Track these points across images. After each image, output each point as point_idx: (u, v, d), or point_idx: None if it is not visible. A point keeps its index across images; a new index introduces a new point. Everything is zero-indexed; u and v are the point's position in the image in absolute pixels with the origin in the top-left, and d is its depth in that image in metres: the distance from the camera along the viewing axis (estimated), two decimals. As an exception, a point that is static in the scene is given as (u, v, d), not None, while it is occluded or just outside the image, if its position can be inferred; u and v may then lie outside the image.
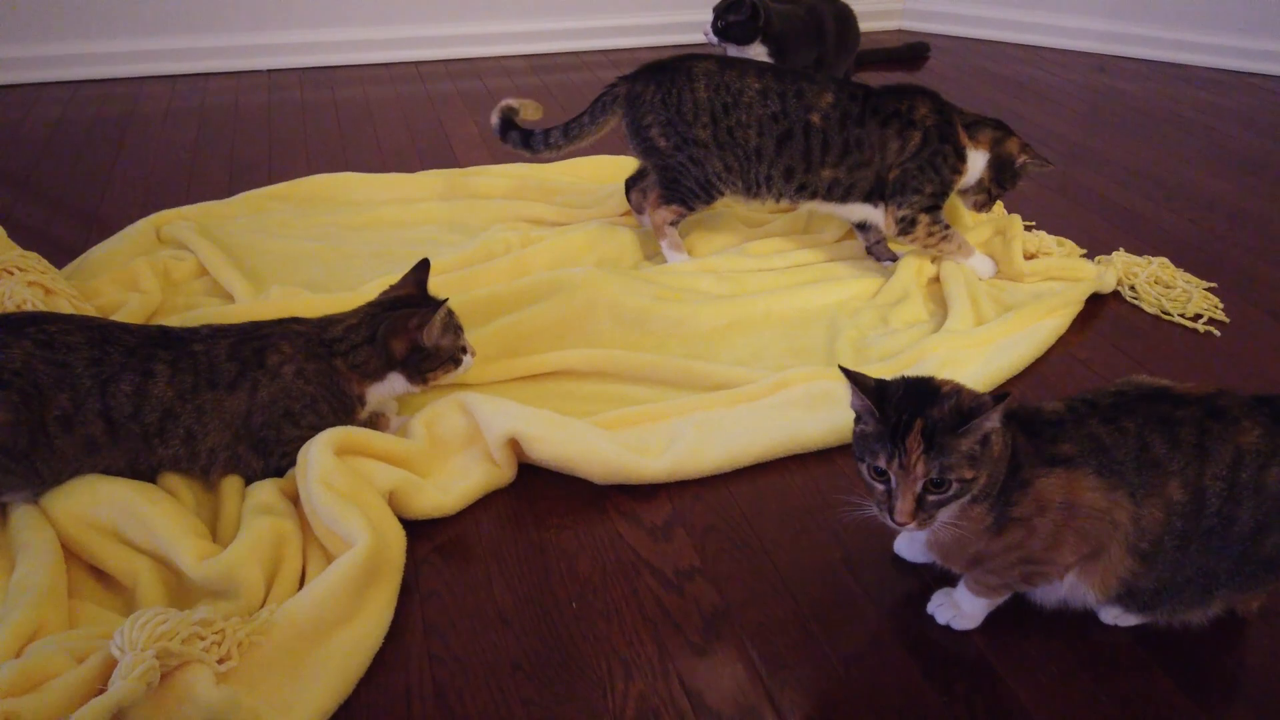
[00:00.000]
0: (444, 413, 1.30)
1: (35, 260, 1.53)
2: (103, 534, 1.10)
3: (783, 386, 1.41)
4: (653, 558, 1.18)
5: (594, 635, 1.07)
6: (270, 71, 2.90)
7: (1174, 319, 1.69)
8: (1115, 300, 1.76)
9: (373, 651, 1.02)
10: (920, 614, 1.10)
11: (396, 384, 1.29)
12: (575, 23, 3.17)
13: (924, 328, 1.60)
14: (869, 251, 1.83)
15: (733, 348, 1.57)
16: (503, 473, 1.26)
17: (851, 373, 0.96)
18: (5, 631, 0.93)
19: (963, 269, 1.72)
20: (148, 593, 1.05)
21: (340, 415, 1.24)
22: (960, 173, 1.70)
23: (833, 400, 1.38)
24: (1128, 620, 1.08)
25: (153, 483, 1.17)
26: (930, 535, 1.02)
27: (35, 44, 2.71)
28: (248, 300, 1.58)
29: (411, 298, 1.33)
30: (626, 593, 1.13)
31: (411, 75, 2.92)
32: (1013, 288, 1.73)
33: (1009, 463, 0.97)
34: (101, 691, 0.86)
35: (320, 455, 1.14)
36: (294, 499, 1.18)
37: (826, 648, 1.06)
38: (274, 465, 1.21)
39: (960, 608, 1.08)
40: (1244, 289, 1.80)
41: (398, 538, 1.13)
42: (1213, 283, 1.80)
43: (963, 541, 1.00)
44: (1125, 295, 1.76)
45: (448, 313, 1.30)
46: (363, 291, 1.54)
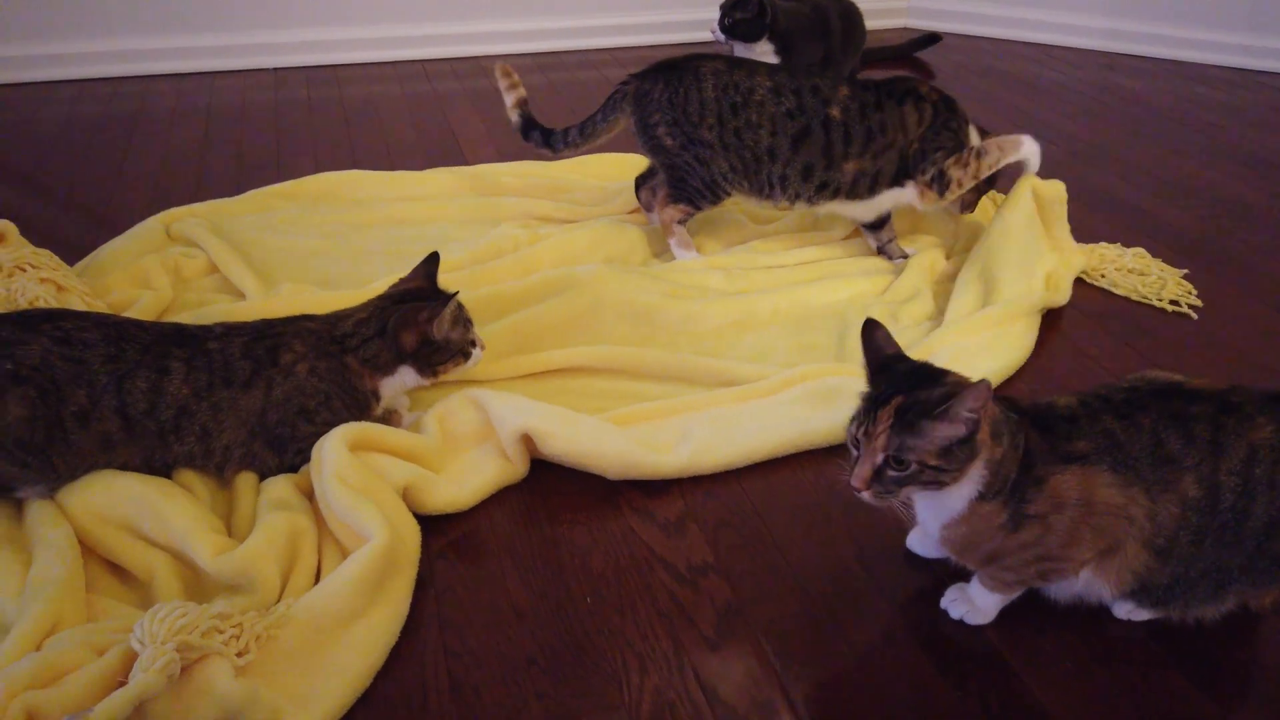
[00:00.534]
0: (456, 409, 1.31)
1: (47, 257, 1.54)
2: (119, 529, 1.11)
3: (793, 383, 1.42)
4: (666, 553, 1.18)
5: (609, 630, 1.07)
6: (276, 70, 2.90)
7: (1151, 302, 1.73)
8: (1119, 297, 1.76)
9: (389, 646, 1.02)
10: (933, 609, 1.10)
11: (407, 377, 1.29)
12: (580, 21, 3.17)
13: (934, 325, 1.60)
14: (880, 251, 1.83)
15: (742, 345, 1.58)
16: (515, 468, 1.27)
17: (871, 334, 0.99)
18: (25, 625, 0.94)
19: (976, 262, 1.71)
20: (164, 587, 1.06)
21: (354, 412, 1.25)
22: (968, 138, 1.72)
23: (843, 396, 1.38)
24: (1141, 615, 1.08)
25: (168, 479, 1.17)
26: (943, 532, 1.02)
27: (44, 42, 2.71)
28: (259, 297, 1.58)
29: (421, 290, 1.33)
30: (640, 587, 1.13)
31: (417, 74, 2.93)
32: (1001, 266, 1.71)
33: (1021, 460, 0.97)
34: (122, 684, 0.86)
35: (335, 451, 1.14)
36: (309, 494, 1.19)
37: (839, 642, 1.06)
38: (289, 461, 1.22)
39: (974, 603, 1.08)
40: (1253, 284, 1.80)
41: (413, 533, 1.14)
42: (1186, 269, 1.83)
43: (977, 538, 1.00)
44: (1098, 283, 1.78)
45: (458, 306, 1.30)
46: (372, 289, 1.54)
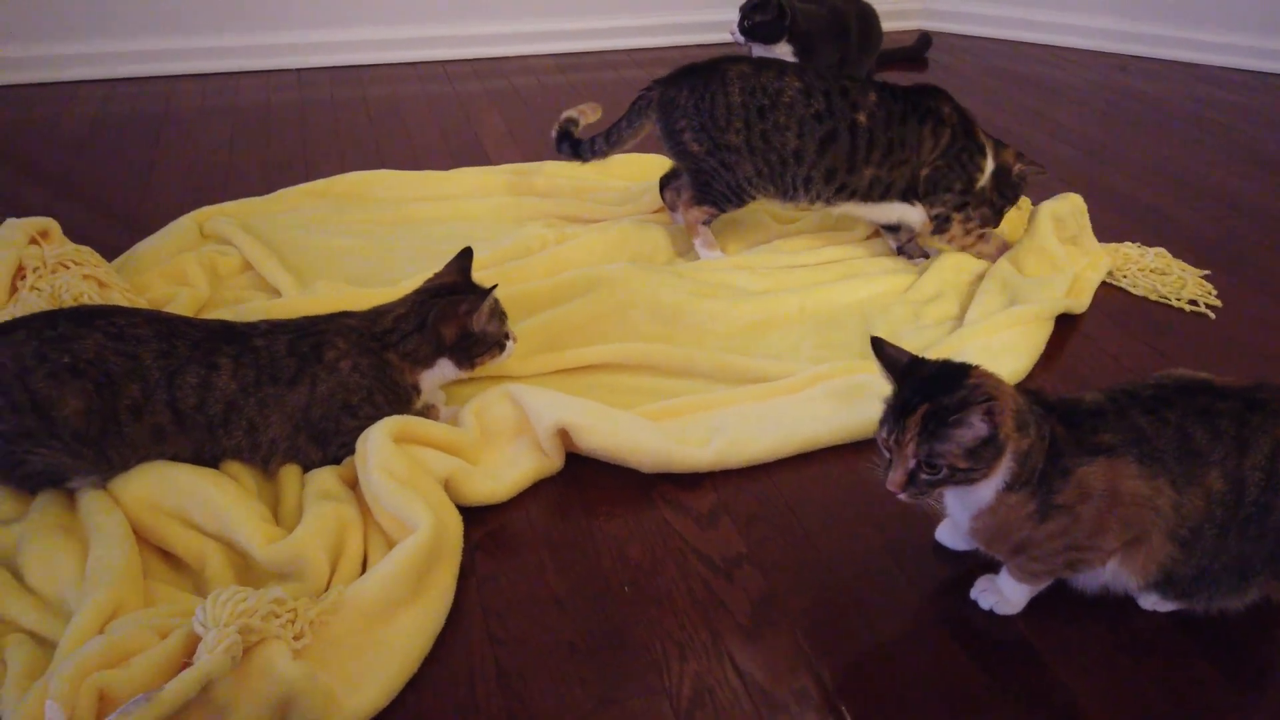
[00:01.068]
0: (492, 403, 1.34)
1: (89, 254, 1.57)
2: (171, 518, 1.14)
3: (820, 380, 1.45)
4: (700, 544, 1.21)
5: (647, 619, 1.10)
6: (299, 70, 2.93)
7: (1170, 302, 1.75)
8: (1139, 297, 1.79)
9: (435, 632, 1.05)
10: (962, 600, 1.13)
11: (446, 370, 1.32)
12: (600, 22, 3.20)
13: (955, 324, 1.62)
14: (900, 251, 1.86)
15: (768, 342, 1.60)
16: (551, 462, 1.30)
17: (881, 349, 1.03)
18: (88, 610, 0.97)
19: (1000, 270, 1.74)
20: (217, 574, 1.09)
21: (395, 406, 1.28)
22: (981, 170, 1.74)
23: (870, 393, 1.41)
24: (1166, 606, 1.11)
25: (216, 470, 1.20)
26: (973, 523, 1.05)
27: (70, 42, 2.75)
28: (295, 294, 1.61)
29: (456, 285, 1.36)
30: (676, 578, 1.16)
31: (439, 74, 2.96)
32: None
33: (1048, 452, 1.00)
34: (186, 666, 0.89)
35: (379, 443, 1.17)
36: (352, 485, 1.22)
37: (871, 632, 1.09)
38: (332, 455, 1.25)
39: (1003, 593, 1.11)
40: (1269, 284, 1.83)
41: (455, 523, 1.17)
42: (1208, 270, 1.85)
43: (1005, 529, 1.03)
44: (1119, 283, 1.81)
45: (495, 299, 1.33)
46: (403, 287, 1.57)
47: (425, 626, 1.04)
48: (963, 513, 1.06)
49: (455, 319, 1.29)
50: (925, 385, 0.99)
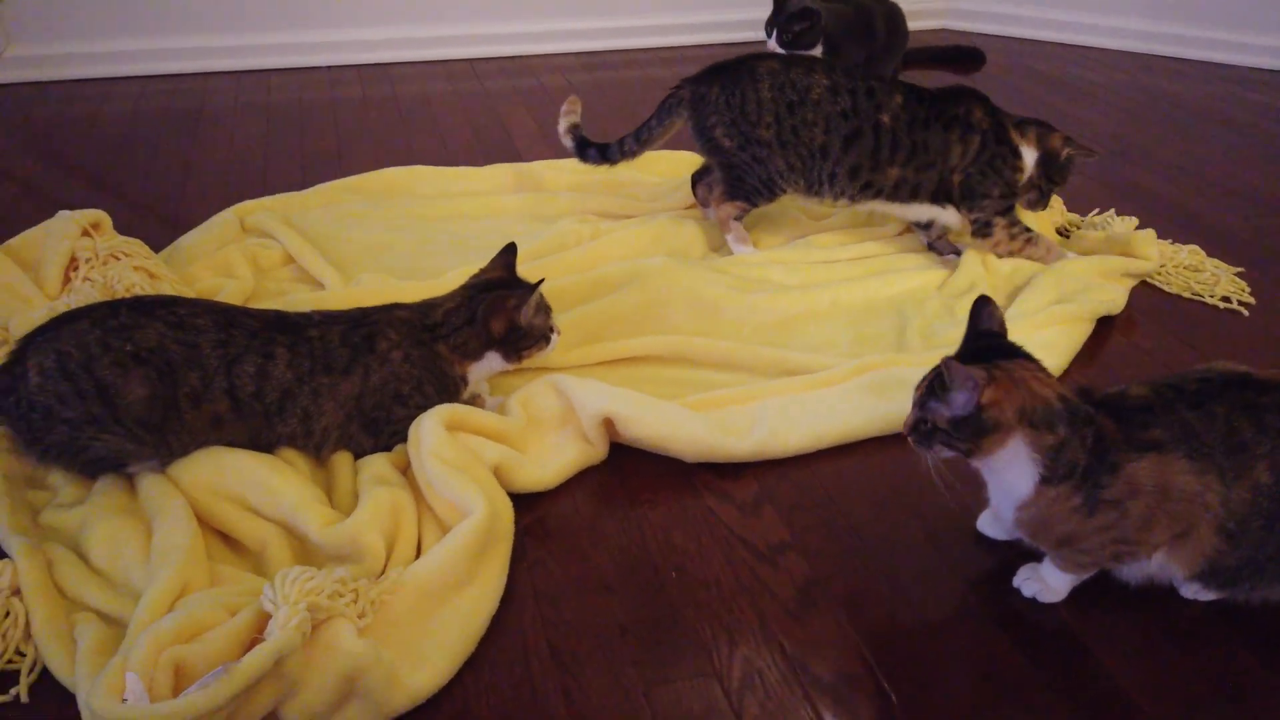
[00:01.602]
0: (538, 393, 1.36)
1: (138, 246, 1.61)
2: (229, 502, 1.17)
3: (859, 372, 1.47)
4: (744, 532, 1.23)
5: (695, 603, 1.12)
6: (330, 68, 2.97)
7: (1204, 299, 1.76)
8: (1172, 293, 1.80)
9: (491, 613, 1.08)
10: (1005, 588, 1.15)
11: (494, 362, 1.35)
12: (625, 21, 3.22)
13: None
14: (930, 247, 1.88)
15: (804, 336, 1.63)
16: (596, 451, 1.32)
17: (981, 308, 1.11)
18: (157, 588, 1.00)
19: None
20: (276, 556, 1.12)
21: (444, 396, 1.30)
22: (1020, 170, 1.75)
23: (908, 386, 1.42)
24: (1207, 595, 1.12)
25: (272, 456, 1.23)
26: (1017, 514, 1.07)
27: (106, 39, 2.79)
28: (339, 288, 1.64)
29: (502, 280, 1.39)
30: (721, 564, 1.18)
31: (467, 72, 2.99)
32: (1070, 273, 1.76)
33: (1094, 448, 1.01)
34: (255, 642, 0.92)
35: (432, 430, 1.20)
36: (404, 471, 1.25)
37: (915, 617, 1.11)
38: (383, 443, 1.28)
39: (1046, 582, 1.13)
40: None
41: (507, 508, 1.19)
42: (1240, 268, 1.86)
43: (1049, 521, 1.05)
44: (1153, 280, 1.82)
45: (541, 294, 1.36)
46: (445, 280, 1.61)
47: (481, 607, 1.07)
48: (1005, 503, 1.08)
49: (504, 313, 1.32)
50: (971, 351, 1.05)
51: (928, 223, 1.82)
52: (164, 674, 0.87)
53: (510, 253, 1.44)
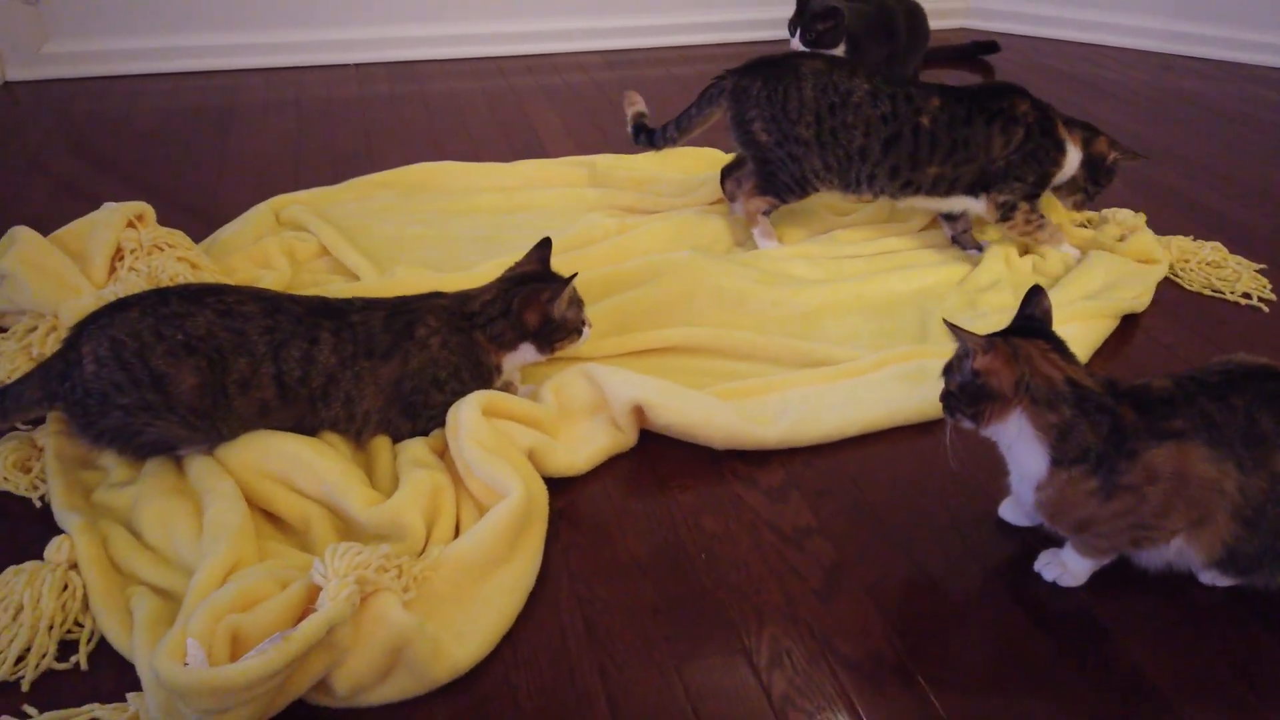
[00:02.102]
0: (570, 382, 1.40)
1: (181, 237, 1.66)
2: (275, 483, 1.21)
3: (883, 364, 1.50)
4: (771, 517, 1.27)
5: (725, 584, 1.16)
6: (358, 65, 3.02)
7: (1224, 295, 1.79)
8: (1193, 290, 1.82)
9: (528, 590, 1.12)
10: (1026, 573, 1.18)
11: (527, 353, 1.38)
12: (648, 20, 3.26)
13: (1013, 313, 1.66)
14: (954, 240, 1.90)
15: (827, 328, 1.66)
16: (626, 437, 1.36)
17: (1034, 295, 1.17)
18: (211, 562, 1.04)
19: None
20: (321, 535, 1.16)
21: (479, 383, 1.34)
22: (1059, 165, 1.78)
23: (930, 377, 1.46)
24: (1225, 581, 1.15)
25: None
26: (1035, 495, 1.10)
27: (138, 36, 2.85)
28: (373, 279, 1.69)
29: (537, 274, 1.42)
30: (750, 547, 1.22)
31: (493, 70, 3.03)
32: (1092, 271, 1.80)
33: (1111, 435, 1.04)
34: (306, 612, 0.96)
35: (470, 415, 1.24)
36: (441, 454, 1.29)
37: (940, 601, 1.15)
38: (420, 427, 1.32)
39: (1067, 567, 1.16)
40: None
41: (541, 491, 1.23)
42: (1262, 264, 1.89)
43: (1066, 504, 1.08)
44: (1175, 278, 1.85)
45: (573, 288, 1.40)
46: (475, 273, 1.65)
47: (519, 584, 1.11)
48: (1023, 485, 1.11)
49: (537, 306, 1.35)
50: (1009, 331, 1.11)
51: (960, 213, 1.85)
52: (222, 641, 0.92)
53: (545, 247, 1.47)
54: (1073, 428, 1.04)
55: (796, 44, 2.55)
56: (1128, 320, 1.70)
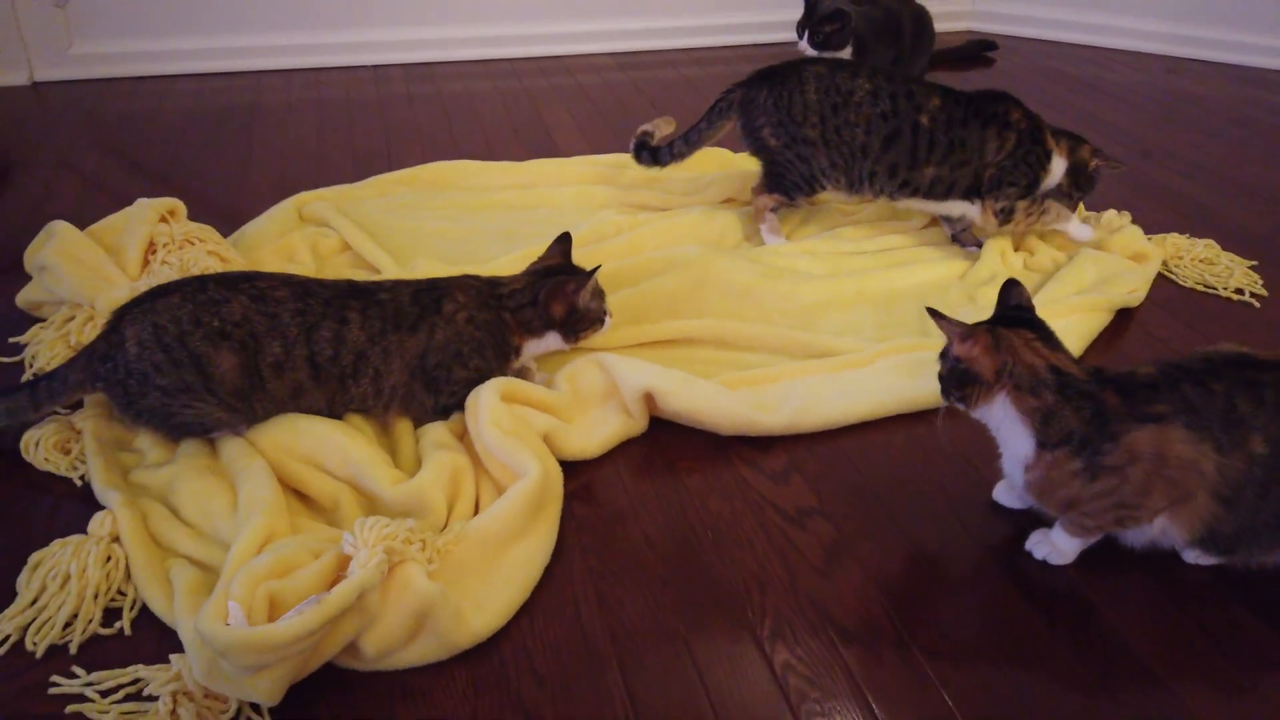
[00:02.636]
0: (583, 369, 1.47)
1: (210, 232, 1.73)
2: (304, 463, 1.28)
3: (883, 355, 1.56)
4: (775, 498, 1.33)
5: (730, 559, 1.22)
6: (376, 67, 3.09)
7: (1217, 291, 1.85)
8: (1188, 286, 1.88)
9: (544, 564, 1.18)
10: (1018, 552, 1.24)
11: (553, 341, 1.45)
12: (660, 22, 3.33)
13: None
14: (954, 239, 1.96)
15: (831, 321, 1.72)
16: (637, 423, 1.42)
17: (1010, 289, 1.23)
18: (248, 534, 1.11)
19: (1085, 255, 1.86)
20: (348, 511, 1.23)
21: (500, 360, 1.41)
22: (1046, 171, 1.83)
23: (929, 368, 1.51)
24: (1208, 560, 1.20)
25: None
26: (1024, 476, 1.16)
27: (163, 38, 2.93)
28: (394, 272, 1.75)
29: (561, 266, 1.49)
30: (755, 526, 1.28)
31: (506, 71, 3.10)
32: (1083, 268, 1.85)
33: (1096, 419, 1.10)
34: (338, 580, 1.03)
35: (489, 400, 1.31)
36: (460, 438, 1.35)
37: (934, 576, 1.21)
38: (442, 403, 1.38)
39: (1056, 545, 1.21)
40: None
41: (557, 472, 1.30)
42: (1254, 261, 1.95)
43: (1052, 484, 1.14)
44: (1169, 274, 1.91)
45: (596, 280, 1.46)
46: (494, 266, 1.72)
47: (536, 558, 1.17)
48: (1013, 466, 1.18)
49: (563, 296, 1.42)
50: (990, 320, 1.19)
51: (959, 217, 1.91)
52: (260, 604, 0.98)
53: (565, 241, 1.54)
54: (1055, 412, 1.11)
55: (804, 46, 2.61)
56: (1122, 314, 1.75)
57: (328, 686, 1.03)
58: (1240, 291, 1.84)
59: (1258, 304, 1.81)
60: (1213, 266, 1.91)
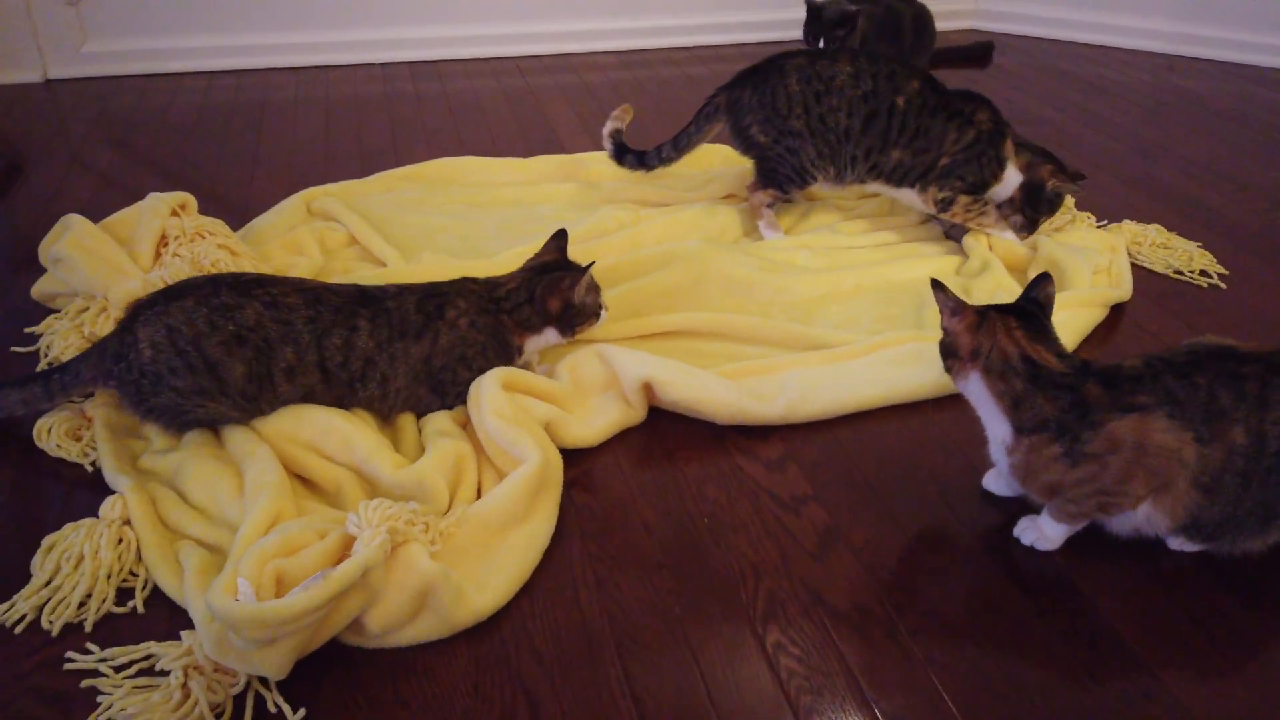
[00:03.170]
0: (584, 360, 1.50)
1: (221, 226, 1.76)
2: (307, 449, 1.31)
3: (879, 348, 1.59)
4: (770, 485, 1.36)
5: (726, 544, 1.25)
6: (383, 65, 3.13)
7: (1185, 275, 1.90)
8: (1175, 279, 1.90)
9: (543, 548, 1.21)
10: (1006, 538, 1.27)
11: (550, 336, 1.48)
12: (663, 21, 3.36)
13: (1008, 295, 1.74)
14: (948, 235, 1.99)
15: (829, 314, 1.75)
16: (636, 413, 1.45)
17: (1041, 283, 1.25)
18: (255, 515, 1.14)
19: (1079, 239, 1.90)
20: (351, 496, 1.26)
21: (503, 361, 1.44)
22: (996, 179, 1.86)
23: (924, 360, 1.55)
24: (1192, 547, 1.23)
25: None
26: (1008, 459, 1.20)
27: (174, 36, 2.97)
28: (400, 265, 1.79)
29: (557, 262, 1.52)
30: (750, 512, 1.31)
31: (511, 69, 3.14)
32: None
33: (1078, 408, 1.13)
34: (343, 559, 1.06)
35: (491, 390, 1.34)
36: (463, 426, 1.38)
37: (924, 561, 1.23)
38: (448, 404, 1.41)
39: (1043, 531, 1.24)
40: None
41: (557, 459, 1.33)
42: (1198, 241, 2.02)
43: (1033, 468, 1.17)
44: (1136, 260, 1.95)
45: (591, 275, 1.49)
46: (498, 260, 1.75)
47: (535, 541, 1.20)
48: (996, 449, 1.21)
49: (559, 292, 1.45)
50: (1000, 306, 1.22)
51: (908, 204, 1.95)
52: (268, 581, 1.02)
53: (561, 237, 1.57)
54: (1025, 398, 1.15)
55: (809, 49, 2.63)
56: (1115, 309, 1.78)
57: (333, 663, 1.06)
58: (1206, 274, 1.89)
59: (1224, 285, 1.88)
60: (1171, 251, 1.95)
